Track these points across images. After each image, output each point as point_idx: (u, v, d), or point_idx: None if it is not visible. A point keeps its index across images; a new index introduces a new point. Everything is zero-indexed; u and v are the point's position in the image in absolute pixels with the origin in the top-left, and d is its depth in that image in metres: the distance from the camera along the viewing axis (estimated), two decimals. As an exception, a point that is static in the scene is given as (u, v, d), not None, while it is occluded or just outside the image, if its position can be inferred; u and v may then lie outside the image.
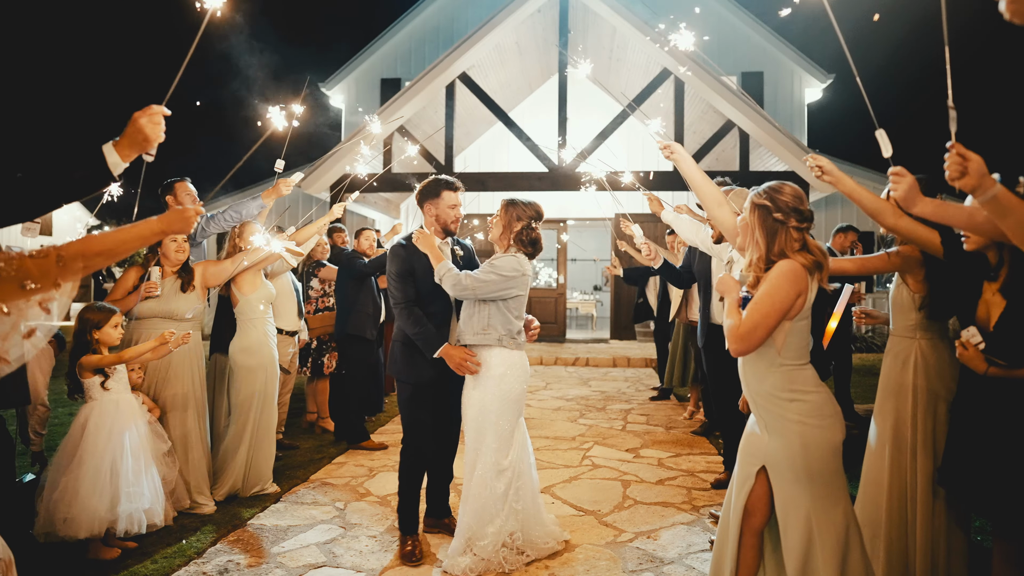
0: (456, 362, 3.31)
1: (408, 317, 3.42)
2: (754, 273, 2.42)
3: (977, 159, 1.70)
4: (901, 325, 2.74)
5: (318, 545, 3.57)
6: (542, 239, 3.49)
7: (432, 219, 3.54)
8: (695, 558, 3.41)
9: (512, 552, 3.24)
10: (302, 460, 5.17)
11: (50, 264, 1.74)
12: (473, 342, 3.35)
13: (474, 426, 3.33)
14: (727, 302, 2.46)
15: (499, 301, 3.34)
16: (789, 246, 2.37)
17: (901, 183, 2.13)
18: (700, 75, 9.58)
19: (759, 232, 2.41)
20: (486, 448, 3.28)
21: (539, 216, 3.48)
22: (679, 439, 5.94)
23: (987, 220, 1.91)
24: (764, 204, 2.39)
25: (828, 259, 2.41)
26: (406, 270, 3.44)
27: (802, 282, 2.32)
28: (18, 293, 1.70)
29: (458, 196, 3.56)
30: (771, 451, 2.40)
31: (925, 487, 2.55)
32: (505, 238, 3.45)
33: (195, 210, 2.12)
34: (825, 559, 2.31)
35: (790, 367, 2.38)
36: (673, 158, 2.90)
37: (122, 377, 3.49)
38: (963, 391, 2.46)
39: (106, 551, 3.34)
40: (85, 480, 3.24)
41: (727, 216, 2.85)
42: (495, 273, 3.30)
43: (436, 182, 3.55)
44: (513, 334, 3.36)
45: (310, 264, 6.03)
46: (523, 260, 3.38)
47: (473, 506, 3.25)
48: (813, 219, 2.40)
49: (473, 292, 3.29)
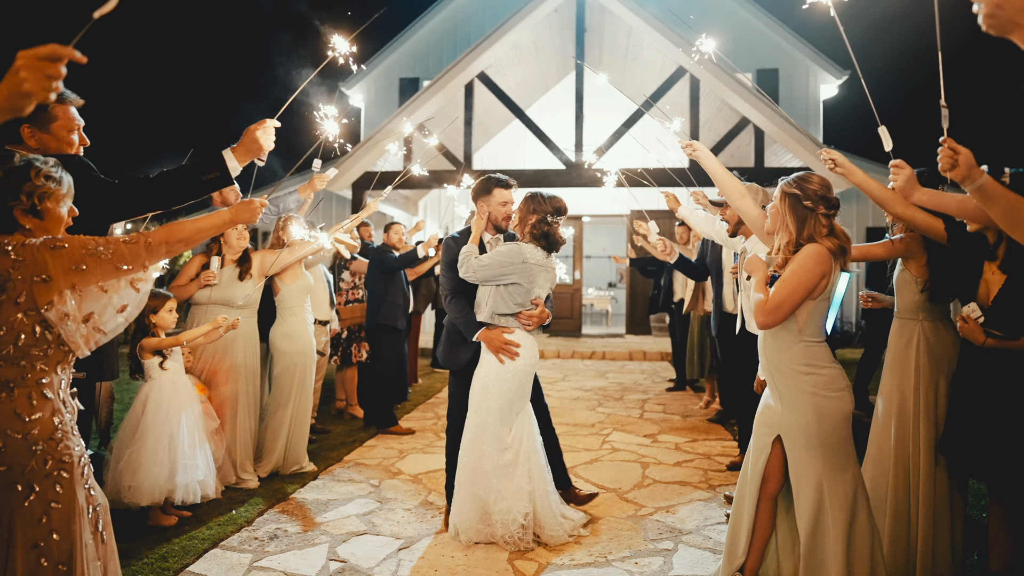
0: (496, 345, 3.51)
1: (453, 304, 3.67)
2: (783, 255, 2.62)
3: (966, 152, 1.91)
4: (905, 307, 2.94)
5: (358, 516, 3.83)
6: (558, 234, 3.61)
7: (485, 215, 3.74)
8: (712, 529, 3.63)
9: (527, 533, 3.37)
10: (335, 443, 5.43)
11: (140, 249, 2.01)
12: (481, 319, 3.57)
13: (477, 399, 3.51)
14: (755, 280, 2.66)
15: (500, 286, 3.52)
16: (818, 231, 2.57)
17: (900, 175, 2.34)
18: (715, 73, 9.75)
19: (790, 218, 2.60)
20: (489, 423, 3.44)
21: (558, 211, 3.60)
22: (695, 426, 6.15)
23: (976, 207, 2.11)
24: (794, 192, 2.59)
25: (851, 244, 2.62)
26: (453, 259, 3.67)
27: (827, 264, 2.53)
28: (114, 273, 1.97)
29: (510, 193, 3.74)
30: (786, 421, 2.61)
31: (927, 456, 2.76)
32: (521, 230, 3.64)
33: (260, 202, 2.38)
34: (834, 520, 2.52)
35: (808, 343, 2.59)
36: (696, 155, 3.08)
37: (178, 358, 3.77)
38: (963, 365, 2.66)
39: (165, 518, 3.61)
40: (147, 452, 3.51)
41: (750, 207, 3.03)
42: (493, 257, 3.51)
43: (489, 180, 3.75)
44: (498, 315, 3.52)
45: (342, 257, 6.30)
46: (526, 249, 3.52)
47: (472, 478, 3.42)
48: (839, 206, 2.61)
49: (475, 274, 3.51)
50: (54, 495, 1.88)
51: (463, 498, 3.45)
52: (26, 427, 1.85)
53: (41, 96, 1.35)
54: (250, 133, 2.43)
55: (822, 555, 2.55)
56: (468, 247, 3.59)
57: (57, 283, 1.85)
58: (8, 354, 1.83)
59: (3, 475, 1.81)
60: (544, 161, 11.38)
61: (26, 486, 1.83)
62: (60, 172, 1.99)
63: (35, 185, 1.90)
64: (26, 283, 1.81)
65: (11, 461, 1.82)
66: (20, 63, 1.33)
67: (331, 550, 3.36)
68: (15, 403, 1.85)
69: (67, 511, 1.90)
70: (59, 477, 1.90)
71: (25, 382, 1.87)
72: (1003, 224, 1.95)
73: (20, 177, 1.88)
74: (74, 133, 2.55)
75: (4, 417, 1.83)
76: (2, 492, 1.80)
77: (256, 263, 4.30)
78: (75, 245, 1.89)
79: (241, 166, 2.48)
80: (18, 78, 1.33)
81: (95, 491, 2.06)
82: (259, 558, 3.25)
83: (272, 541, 3.46)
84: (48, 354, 1.90)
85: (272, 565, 3.18)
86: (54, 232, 1.97)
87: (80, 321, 1.94)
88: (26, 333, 1.85)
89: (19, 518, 1.81)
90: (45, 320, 1.87)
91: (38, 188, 1.90)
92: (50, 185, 1.93)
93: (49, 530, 1.85)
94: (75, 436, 1.99)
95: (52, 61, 1.34)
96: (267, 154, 2.48)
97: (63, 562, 1.87)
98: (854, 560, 2.50)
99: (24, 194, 1.88)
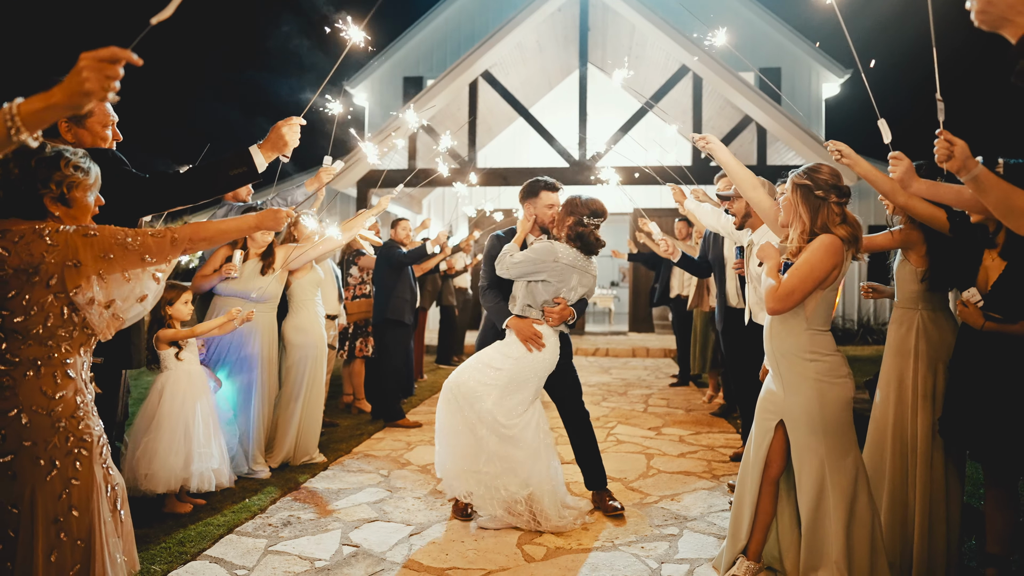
0: (525, 334, 3.60)
1: (489, 295, 3.82)
2: (798, 243, 2.69)
3: (961, 144, 1.98)
4: (905, 297, 3.02)
5: (369, 504, 3.91)
6: (594, 236, 3.68)
7: (531, 218, 3.84)
8: (716, 516, 3.71)
9: (531, 519, 3.47)
10: (343, 436, 5.51)
11: (165, 243, 2.10)
12: (514, 312, 3.68)
13: (487, 385, 3.58)
14: (767, 266, 2.74)
15: (531, 282, 3.64)
16: (831, 220, 2.63)
17: (899, 166, 2.42)
18: (718, 71, 9.82)
19: (802, 208, 2.66)
20: (491, 402, 3.52)
21: (595, 214, 3.66)
22: (699, 419, 6.22)
23: (972, 197, 2.19)
24: (805, 183, 2.66)
25: (863, 232, 2.69)
26: (496, 253, 3.79)
27: (839, 256, 2.59)
28: (138, 264, 2.06)
29: (557, 196, 3.81)
30: (789, 406, 2.69)
31: (924, 439, 2.83)
32: (559, 231, 3.74)
33: (287, 212, 2.46)
34: (835, 503, 2.60)
35: (814, 331, 2.67)
36: (709, 148, 3.13)
37: (193, 349, 3.85)
38: (960, 349, 2.74)
39: (180, 505, 3.69)
40: (163, 440, 3.59)
41: (762, 197, 3.09)
42: (526, 254, 3.64)
43: (536, 183, 3.83)
44: (527, 307, 3.64)
45: (350, 253, 6.38)
46: (560, 248, 3.62)
47: (463, 451, 3.53)
48: (850, 194, 2.67)
49: (507, 271, 3.66)
50: (74, 472, 1.96)
51: (443, 443, 3.63)
52: (51, 404, 1.94)
53: (100, 95, 1.43)
54: (277, 129, 2.53)
55: (823, 537, 2.63)
56: (510, 246, 3.72)
57: (86, 269, 1.94)
58: (37, 333, 1.92)
59: (28, 450, 1.89)
60: (548, 159, 11.45)
61: (48, 462, 1.91)
62: (88, 163, 2.07)
63: (64, 174, 1.98)
64: (58, 267, 1.90)
65: (35, 437, 1.90)
66: (83, 64, 1.41)
67: (344, 535, 3.44)
68: (41, 381, 1.93)
69: (86, 488, 1.98)
70: (79, 455, 1.98)
71: (51, 361, 1.95)
72: (997, 213, 2.02)
73: (50, 167, 1.97)
74: (108, 128, 2.65)
75: (30, 394, 1.91)
76: (26, 466, 1.89)
77: (280, 257, 4.39)
78: (105, 234, 1.98)
79: (267, 162, 2.58)
80: (80, 78, 1.41)
81: (113, 471, 2.14)
82: (274, 543, 3.33)
83: (286, 527, 3.54)
84: (73, 336, 1.99)
85: (287, 549, 3.26)
86: (81, 219, 2.06)
87: (103, 306, 2.03)
88: (54, 314, 1.93)
89: (41, 493, 1.89)
90: (73, 303, 1.95)
91: (67, 177, 1.99)
92: (78, 175, 2.02)
93: (69, 506, 1.93)
94: (95, 416, 2.08)
95: (112, 63, 1.42)
96: (291, 150, 2.58)
97: (82, 538, 1.95)
98: (854, 541, 2.58)
99: (54, 183, 1.96)
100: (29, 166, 1.94)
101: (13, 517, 1.88)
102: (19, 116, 1.42)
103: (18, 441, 1.88)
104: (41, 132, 1.56)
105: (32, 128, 1.44)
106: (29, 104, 1.42)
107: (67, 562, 1.92)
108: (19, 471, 1.88)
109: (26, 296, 1.88)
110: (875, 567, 2.58)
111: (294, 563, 3.11)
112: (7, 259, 1.86)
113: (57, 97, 1.43)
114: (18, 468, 1.88)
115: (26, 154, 1.94)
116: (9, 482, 1.88)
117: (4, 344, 1.89)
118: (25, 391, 1.91)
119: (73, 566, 1.92)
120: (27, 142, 1.46)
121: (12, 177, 1.94)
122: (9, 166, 1.93)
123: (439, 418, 3.65)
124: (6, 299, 1.87)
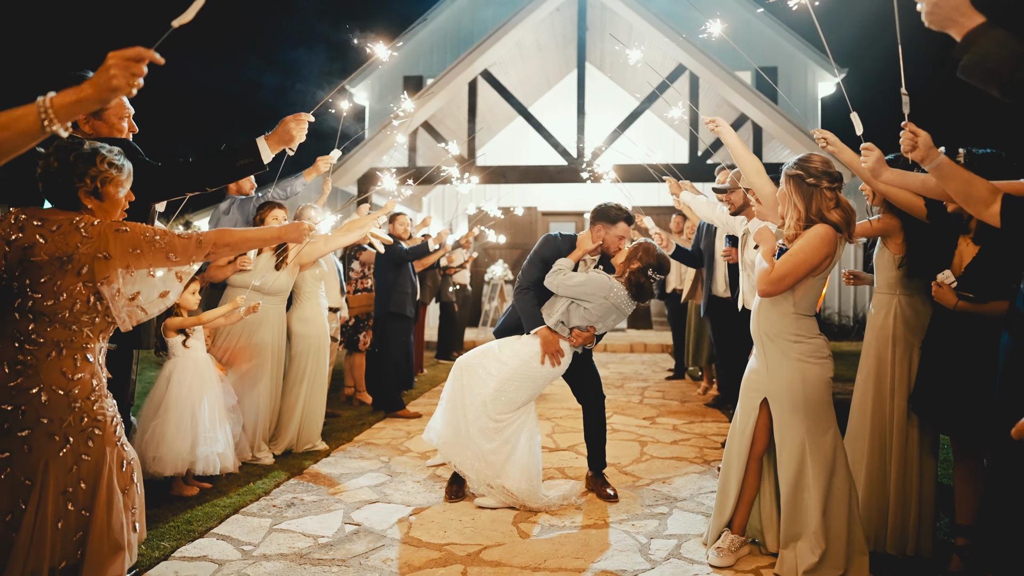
0: (550, 348, 3.71)
1: (526, 296, 3.85)
2: (794, 230, 2.80)
3: (925, 135, 2.11)
4: (883, 283, 3.15)
5: (370, 487, 4.04)
6: (650, 288, 3.74)
7: (599, 240, 3.86)
8: (705, 496, 3.84)
9: (512, 499, 3.63)
10: (344, 425, 5.64)
11: (191, 245, 2.25)
12: (548, 323, 3.76)
13: (489, 374, 3.73)
14: (763, 249, 2.86)
15: (573, 303, 3.73)
16: (825, 205, 2.75)
17: (870, 156, 2.55)
18: (714, 70, 9.95)
19: (796, 197, 2.79)
20: (488, 391, 3.67)
21: (659, 269, 3.74)
22: (693, 410, 6.36)
23: (937, 185, 2.32)
24: (797, 173, 2.78)
25: (856, 217, 2.82)
26: (548, 257, 3.87)
27: (832, 245, 2.72)
28: (163, 262, 2.21)
29: (630, 230, 3.90)
30: (773, 385, 2.83)
31: (901, 418, 2.97)
32: (621, 268, 3.80)
33: (308, 227, 2.59)
34: (815, 476, 2.74)
35: (800, 315, 2.81)
36: (718, 131, 3.20)
37: (200, 337, 3.98)
38: (934, 329, 2.87)
39: (187, 488, 3.82)
40: (170, 425, 3.72)
41: (765, 183, 3.16)
42: (583, 283, 3.69)
43: (617, 211, 3.85)
44: (560, 324, 3.73)
45: (353, 247, 6.52)
46: (615, 286, 3.70)
47: (453, 429, 3.69)
48: (843, 179, 2.80)
49: (557, 288, 3.74)
50: (86, 449, 2.10)
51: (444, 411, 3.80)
52: (69, 385, 2.08)
53: (126, 91, 1.58)
54: (285, 123, 2.68)
55: (802, 509, 2.76)
56: (566, 262, 3.79)
57: (115, 262, 2.09)
58: (63, 317, 2.05)
59: (44, 426, 2.03)
60: (546, 157, 11.59)
61: (62, 438, 2.05)
62: (122, 160, 2.22)
63: (99, 170, 2.12)
64: (89, 258, 2.04)
65: (52, 414, 2.04)
66: (111, 61, 1.55)
67: (346, 515, 3.57)
68: (62, 362, 2.07)
69: (96, 464, 2.12)
70: (92, 433, 2.12)
71: (73, 345, 2.09)
72: (959, 199, 2.16)
73: (87, 162, 2.11)
74: (124, 120, 2.79)
75: (52, 374, 2.05)
76: (41, 441, 2.03)
77: (293, 251, 4.52)
78: (136, 231, 2.13)
79: (273, 154, 2.72)
80: (109, 75, 1.55)
81: (127, 447, 2.28)
82: (278, 522, 3.46)
83: (290, 508, 3.67)
84: (95, 322, 2.13)
85: (291, 527, 3.39)
86: (112, 213, 2.20)
87: (127, 298, 2.18)
88: (81, 301, 2.07)
89: (53, 466, 2.03)
90: (99, 292, 2.10)
91: (101, 173, 2.13)
92: (112, 172, 2.16)
93: (78, 479, 2.07)
94: (109, 398, 2.22)
95: (137, 61, 1.57)
96: (297, 145, 2.71)
97: (86, 508, 2.09)
98: (832, 513, 2.71)
99: (89, 177, 2.11)
100: (68, 160, 2.08)
101: (25, 488, 2.02)
102: (52, 108, 1.56)
103: (36, 417, 2.02)
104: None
105: (63, 120, 1.58)
106: (62, 97, 1.56)
107: (71, 529, 2.06)
108: (35, 445, 2.02)
109: (57, 282, 2.03)
110: (851, 537, 2.71)
111: (298, 539, 3.25)
112: (43, 246, 2.01)
113: (87, 92, 1.57)
114: (34, 442, 2.02)
115: (66, 149, 2.09)
116: (25, 455, 2.02)
117: (32, 325, 2.03)
118: (46, 371, 2.04)
119: (76, 533, 2.07)
120: (58, 132, 1.60)
121: (52, 170, 2.08)
122: (50, 160, 2.08)
123: (446, 387, 3.85)
124: (38, 283, 2.01)
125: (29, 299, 2.02)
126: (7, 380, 2.01)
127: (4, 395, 2.01)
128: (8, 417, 2.01)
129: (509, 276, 13.46)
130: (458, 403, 3.73)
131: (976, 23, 1.63)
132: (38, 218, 2.05)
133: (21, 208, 2.10)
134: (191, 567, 2.93)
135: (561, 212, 14.87)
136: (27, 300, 2.02)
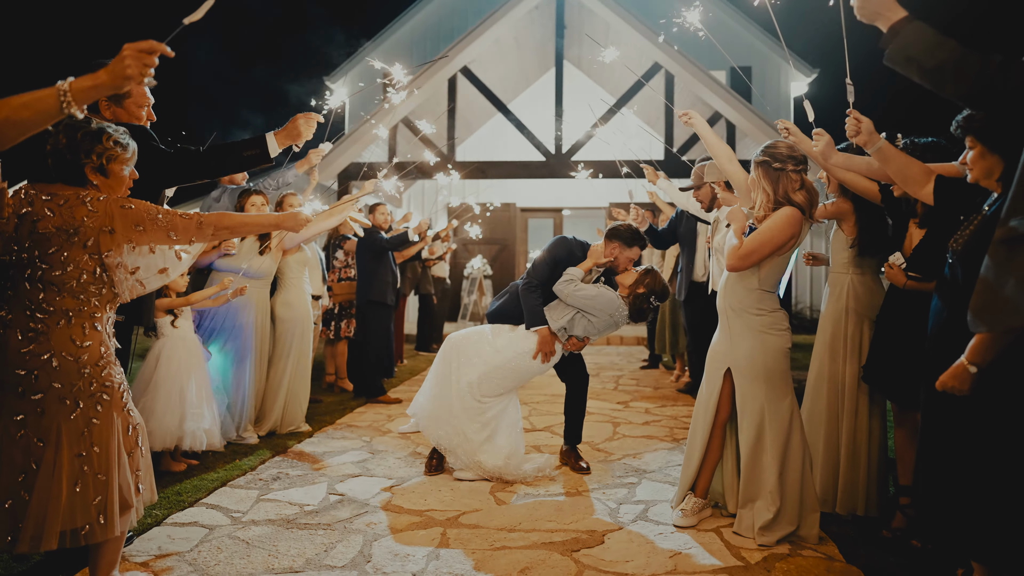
0: (546, 348, 3.92)
1: (532, 293, 4.00)
2: (763, 211, 3.00)
3: (868, 121, 2.33)
4: (837, 263, 3.38)
5: (353, 463, 4.20)
6: (649, 311, 3.99)
7: (611, 256, 4.05)
8: (672, 469, 4.06)
9: (488, 473, 3.82)
10: (327, 410, 5.78)
11: (192, 225, 2.39)
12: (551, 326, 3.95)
13: (481, 359, 3.91)
14: (734, 227, 3.07)
15: (579, 313, 3.93)
16: (791, 187, 2.96)
17: (820, 141, 2.77)
18: (689, 69, 10.21)
19: (764, 182, 2.99)
20: (475, 374, 3.86)
21: (661, 296, 3.99)
22: (665, 395, 6.58)
23: (880, 167, 2.54)
24: (764, 160, 2.99)
25: (819, 198, 3.02)
26: (561, 259, 4.05)
27: (797, 227, 2.92)
28: (164, 240, 2.36)
29: (641, 254, 4.13)
30: (736, 355, 3.04)
31: (852, 387, 3.21)
32: (627, 288, 4.00)
33: (306, 217, 2.74)
34: (772, 439, 2.95)
35: (763, 291, 3.02)
36: (691, 123, 3.36)
37: (188, 317, 4.10)
38: (886, 306, 3.11)
39: (175, 464, 3.95)
40: (159, 401, 3.84)
41: (737, 170, 3.32)
42: (594, 296, 3.89)
43: (638, 237, 4.07)
44: (561, 329, 3.93)
45: (337, 237, 6.64)
46: (620, 305, 3.92)
47: (438, 403, 3.89)
48: (807, 162, 3.00)
49: (567, 297, 3.92)
50: (95, 413, 2.23)
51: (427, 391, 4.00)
52: (78, 352, 2.21)
53: (138, 80, 1.75)
54: (294, 121, 2.87)
55: (760, 471, 2.97)
56: (576, 271, 3.99)
57: (118, 236, 2.23)
58: (72, 287, 2.19)
59: (56, 391, 2.17)
60: (525, 153, 11.77)
61: (73, 402, 2.19)
62: (127, 139, 2.35)
63: (105, 147, 2.26)
64: (95, 231, 2.18)
65: (63, 380, 2.18)
66: (125, 52, 1.73)
67: (330, 487, 3.72)
68: (72, 330, 2.21)
69: (106, 428, 2.26)
70: (100, 399, 2.25)
71: (81, 314, 2.23)
72: (898, 180, 2.38)
73: (93, 140, 2.25)
74: (143, 109, 2.95)
75: (62, 341, 2.19)
76: (54, 405, 2.17)
77: (276, 237, 4.64)
78: (140, 208, 2.27)
79: (280, 149, 2.90)
80: (123, 64, 1.73)
81: (133, 412, 2.42)
82: (265, 493, 3.61)
83: (276, 481, 3.81)
84: (102, 293, 2.27)
85: (278, 498, 3.54)
86: (116, 190, 2.34)
87: (129, 272, 2.32)
88: (88, 272, 2.21)
89: (66, 429, 2.18)
90: (104, 264, 2.24)
91: (107, 150, 2.27)
92: (117, 150, 2.30)
93: (91, 443, 2.21)
94: (117, 365, 2.36)
95: (149, 53, 1.75)
96: (303, 142, 2.88)
97: (103, 472, 2.23)
98: (787, 474, 2.93)
99: (95, 154, 2.25)
100: (75, 138, 2.22)
101: (39, 450, 2.15)
102: (70, 92, 1.72)
103: (48, 382, 2.16)
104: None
105: (80, 103, 1.74)
106: (79, 82, 1.72)
107: (90, 493, 2.19)
108: (47, 408, 2.16)
109: (64, 253, 2.16)
110: (804, 496, 2.93)
111: (285, 508, 3.39)
112: (51, 219, 2.15)
113: (103, 78, 1.74)
114: (46, 405, 2.16)
115: (74, 127, 2.23)
116: (38, 417, 2.16)
117: (42, 294, 2.17)
118: (57, 338, 2.18)
119: (95, 497, 2.20)
120: (75, 114, 1.76)
121: (60, 146, 2.22)
122: (59, 136, 2.22)
123: (435, 364, 4.02)
124: (47, 254, 2.15)
125: (39, 269, 2.16)
126: (20, 346, 2.15)
127: (18, 360, 2.15)
128: (22, 381, 2.14)
129: (488, 271, 13.62)
130: (445, 380, 3.91)
131: (900, 16, 1.84)
132: (47, 193, 2.19)
133: (31, 183, 2.24)
134: (183, 531, 3.07)
135: (540, 208, 15.06)
136: (36, 270, 2.16)
